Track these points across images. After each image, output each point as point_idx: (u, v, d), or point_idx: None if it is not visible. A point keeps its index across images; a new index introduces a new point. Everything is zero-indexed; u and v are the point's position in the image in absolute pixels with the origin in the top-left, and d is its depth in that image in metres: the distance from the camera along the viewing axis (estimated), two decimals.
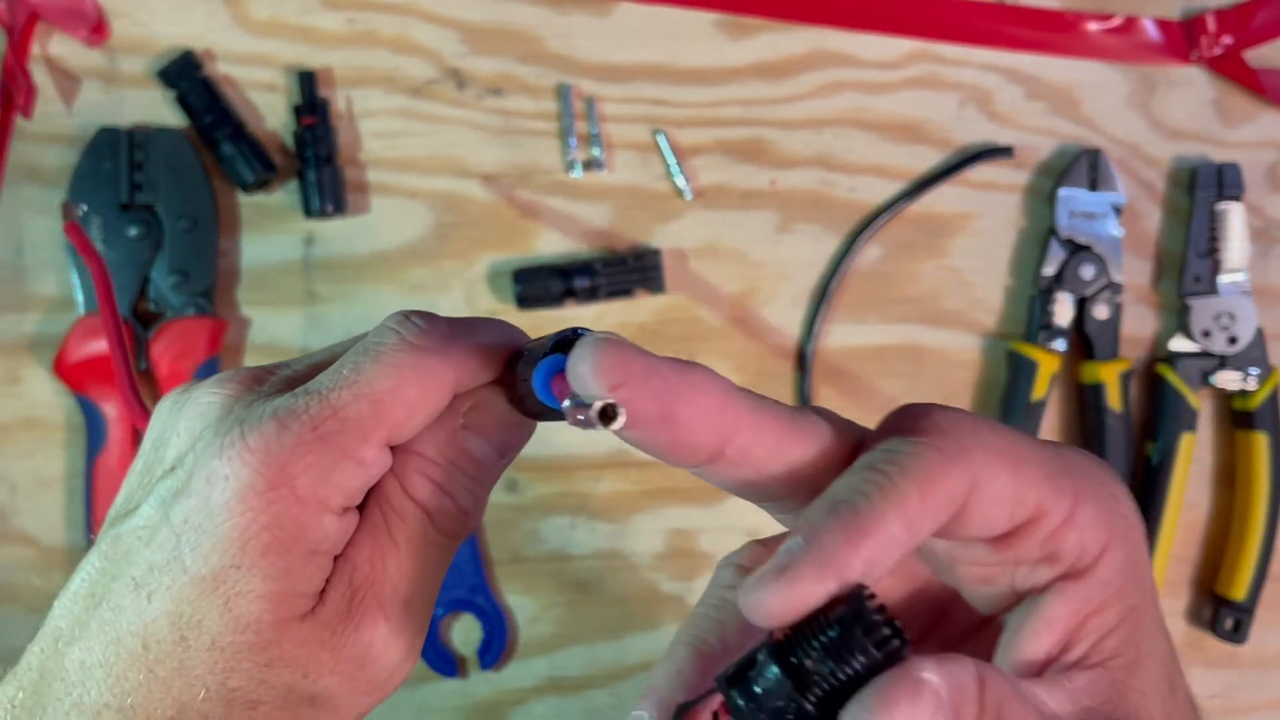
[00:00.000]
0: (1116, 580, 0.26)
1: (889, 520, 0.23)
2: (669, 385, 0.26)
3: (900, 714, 0.22)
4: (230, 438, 0.28)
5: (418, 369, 0.29)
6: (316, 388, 0.29)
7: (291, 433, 0.27)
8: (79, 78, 0.63)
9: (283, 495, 0.27)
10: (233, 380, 0.30)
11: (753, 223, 0.65)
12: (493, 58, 0.65)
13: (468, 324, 0.30)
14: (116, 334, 0.39)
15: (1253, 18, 0.67)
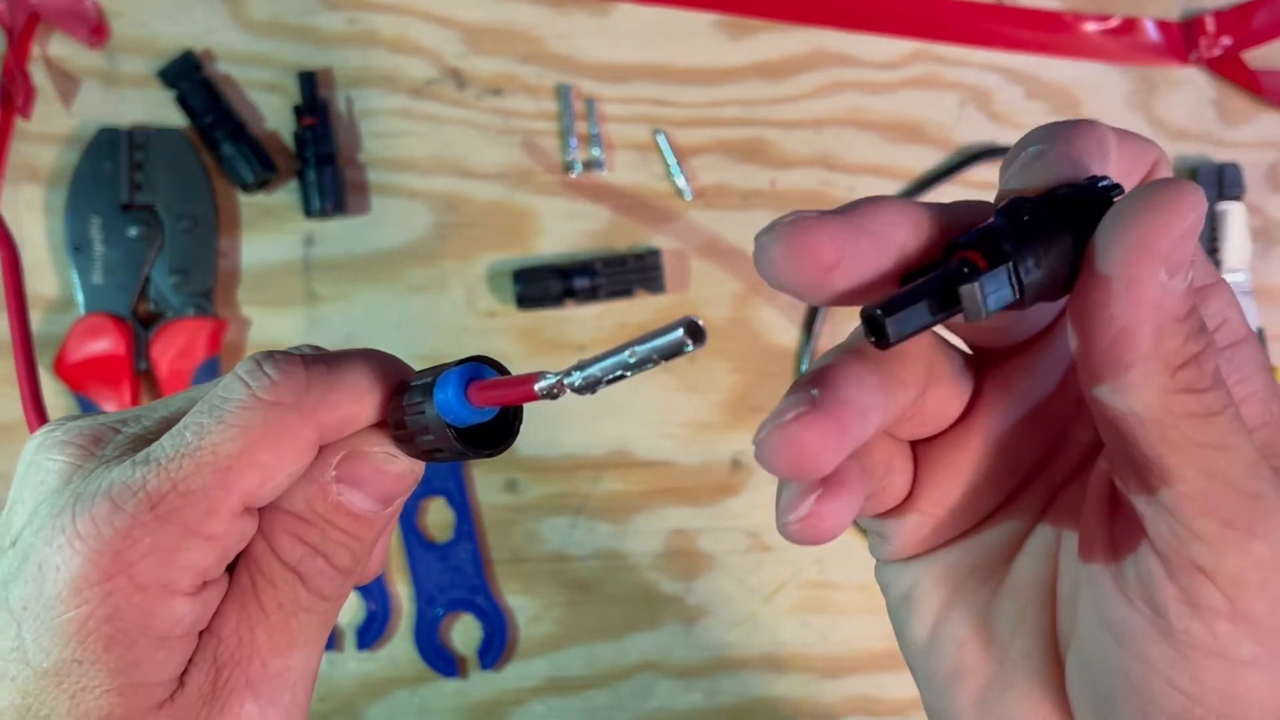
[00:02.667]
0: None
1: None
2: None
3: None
4: (61, 521, 0.25)
5: (270, 428, 0.26)
6: (156, 456, 0.26)
7: (125, 514, 0.25)
8: (79, 78, 0.63)
9: (120, 585, 0.25)
10: (75, 442, 0.27)
11: (753, 223, 0.65)
12: (493, 58, 0.65)
13: (332, 366, 0.27)
14: (21, 331, 0.37)
15: (1252, 19, 0.67)
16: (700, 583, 0.64)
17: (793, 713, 0.64)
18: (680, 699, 0.64)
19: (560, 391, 0.25)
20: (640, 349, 0.23)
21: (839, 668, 0.64)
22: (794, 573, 0.64)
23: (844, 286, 0.23)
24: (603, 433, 0.64)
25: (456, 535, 0.63)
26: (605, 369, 0.24)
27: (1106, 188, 0.22)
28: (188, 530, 0.25)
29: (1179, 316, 0.21)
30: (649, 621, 0.64)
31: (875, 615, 0.65)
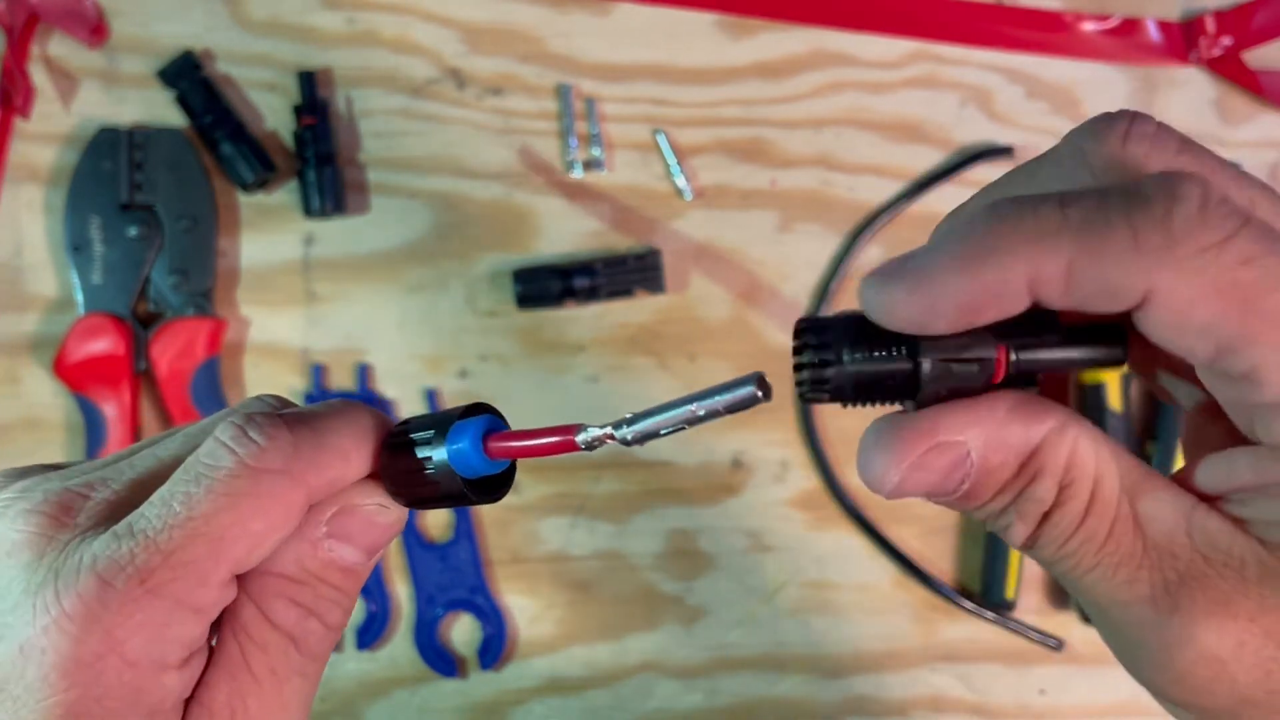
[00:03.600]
0: None
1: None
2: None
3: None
4: (43, 599, 0.24)
5: (260, 496, 0.25)
6: (142, 528, 0.25)
7: (116, 591, 0.24)
8: (78, 78, 0.63)
9: (111, 664, 0.24)
10: (41, 510, 0.25)
11: (753, 223, 0.65)
12: (493, 58, 0.65)
13: (316, 427, 0.26)
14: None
15: (1252, 19, 0.67)
16: (700, 583, 0.64)
17: (793, 713, 0.64)
18: (680, 699, 0.64)
19: (601, 444, 0.25)
20: (708, 403, 0.23)
21: (839, 668, 0.64)
22: (794, 573, 0.64)
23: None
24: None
25: (456, 535, 0.63)
26: (665, 422, 0.24)
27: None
28: (178, 603, 0.24)
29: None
30: (649, 621, 0.64)
31: (875, 615, 0.65)
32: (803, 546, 0.64)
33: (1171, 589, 0.23)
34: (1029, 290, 0.22)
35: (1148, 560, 0.24)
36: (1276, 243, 0.21)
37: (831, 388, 0.24)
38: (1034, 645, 0.64)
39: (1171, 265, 0.21)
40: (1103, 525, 0.24)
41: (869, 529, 0.64)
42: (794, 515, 0.64)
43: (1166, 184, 0.22)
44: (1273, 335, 0.21)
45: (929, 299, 0.22)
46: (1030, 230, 0.22)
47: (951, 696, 0.64)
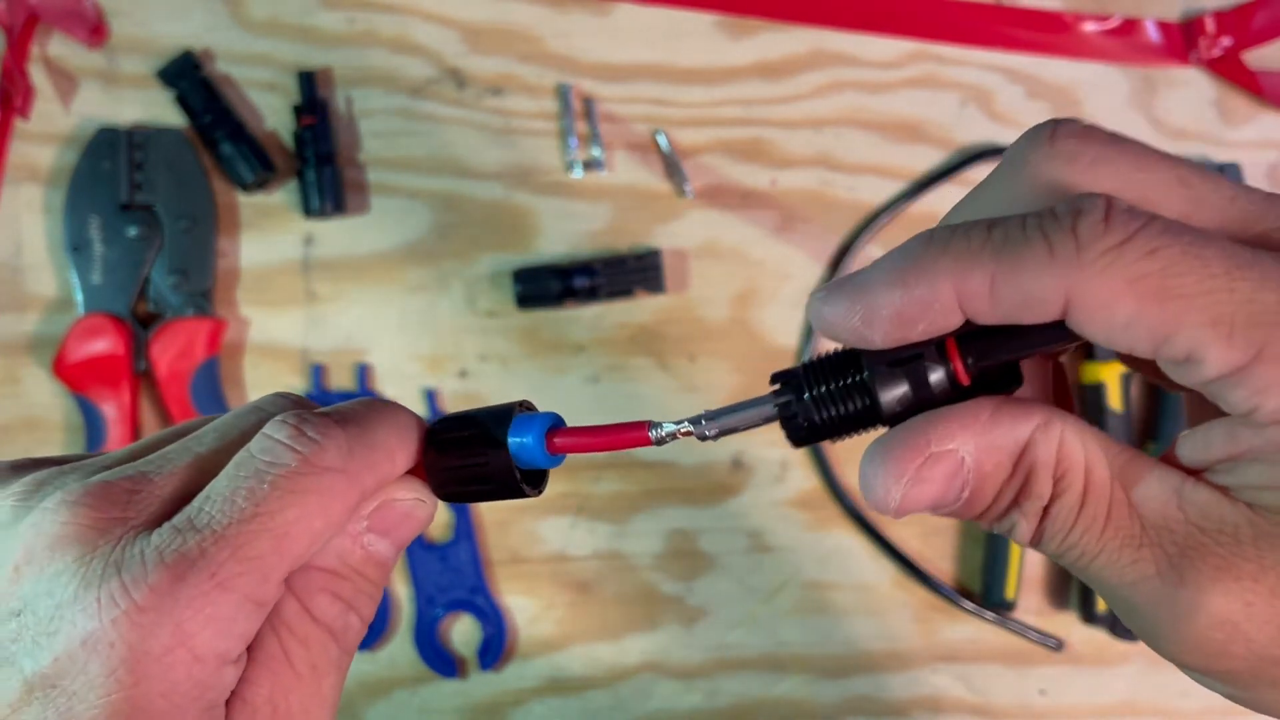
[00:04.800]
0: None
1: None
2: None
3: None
4: (108, 592, 0.24)
5: (323, 494, 0.26)
6: (206, 522, 0.25)
7: (188, 584, 0.24)
8: (78, 78, 0.63)
9: (180, 658, 0.24)
10: (85, 503, 0.25)
11: (753, 223, 0.65)
12: (493, 58, 0.65)
13: (363, 426, 0.27)
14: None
15: (1251, 19, 0.67)
16: (700, 583, 0.64)
17: (793, 713, 0.64)
18: (680, 699, 0.64)
19: (674, 439, 0.27)
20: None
21: (839, 668, 0.64)
22: (794, 573, 0.64)
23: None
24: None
25: (456, 535, 0.63)
26: (743, 420, 0.26)
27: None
28: (245, 598, 0.25)
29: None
30: (649, 621, 0.64)
31: (875, 615, 0.65)
32: (803, 546, 0.64)
33: (1174, 563, 0.24)
34: (959, 305, 0.24)
35: (1148, 539, 0.25)
36: (1179, 234, 0.23)
37: (803, 424, 0.26)
38: (1034, 645, 0.64)
39: (1082, 269, 0.23)
40: (1100, 511, 0.25)
41: (869, 529, 0.64)
42: (794, 515, 0.64)
43: (1074, 201, 0.24)
44: (1193, 315, 0.22)
45: (866, 311, 0.25)
46: (958, 249, 0.24)
47: (951, 696, 0.64)
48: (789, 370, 0.27)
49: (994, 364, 0.25)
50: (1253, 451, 0.24)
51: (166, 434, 0.29)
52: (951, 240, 0.24)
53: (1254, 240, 0.24)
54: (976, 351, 0.25)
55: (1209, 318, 0.22)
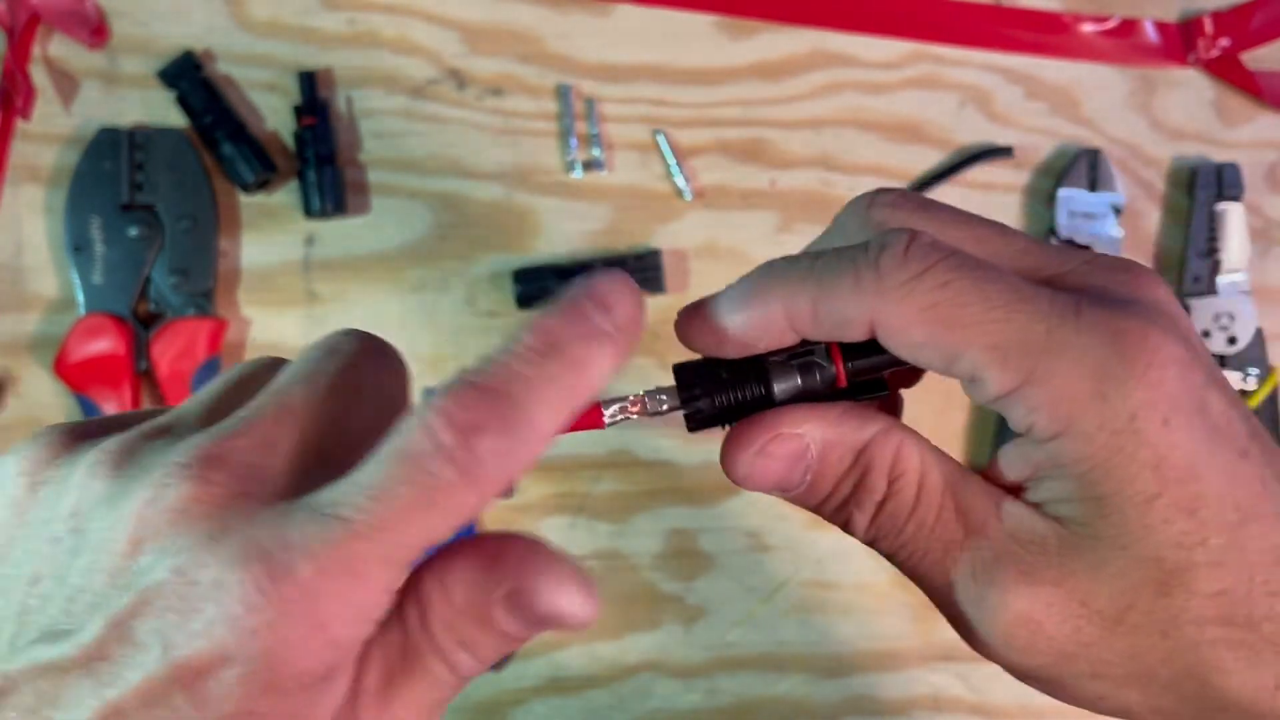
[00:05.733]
0: (1080, 459, 0.26)
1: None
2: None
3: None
4: (254, 576, 0.22)
5: (476, 504, 0.24)
6: (354, 514, 0.23)
7: (333, 577, 0.23)
8: (79, 78, 0.63)
9: (318, 646, 0.23)
10: (205, 477, 0.23)
11: (753, 223, 0.65)
12: (493, 58, 0.65)
13: (524, 413, 0.24)
14: None
15: (1250, 20, 0.67)
16: (700, 583, 0.64)
17: (793, 712, 0.64)
18: (680, 699, 0.64)
19: (623, 416, 0.30)
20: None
21: (839, 667, 0.64)
22: (794, 573, 0.64)
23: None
24: (603, 432, 0.64)
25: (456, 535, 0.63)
26: (663, 404, 0.30)
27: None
28: (383, 591, 0.24)
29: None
30: (649, 621, 0.64)
31: (875, 615, 0.65)
32: (802, 546, 0.64)
33: (988, 566, 0.28)
34: (790, 324, 0.28)
35: (968, 544, 0.28)
36: (971, 269, 0.26)
37: (704, 415, 0.29)
38: None
39: (882, 297, 0.26)
40: (929, 514, 0.28)
41: None
42: (794, 515, 0.64)
43: (880, 236, 0.27)
44: (975, 339, 0.26)
45: (718, 331, 0.28)
46: (786, 278, 0.28)
47: (951, 696, 0.64)
48: (689, 362, 0.29)
49: (867, 371, 0.28)
50: (1043, 468, 0.27)
51: (232, 380, 0.27)
52: (783, 270, 0.28)
53: (1041, 284, 0.27)
54: (854, 359, 0.28)
55: (987, 344, 0.26)
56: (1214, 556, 0.25)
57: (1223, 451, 0.25)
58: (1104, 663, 0.27)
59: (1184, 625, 0.26)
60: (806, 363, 0.28)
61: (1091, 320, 0.25)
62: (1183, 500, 0.25)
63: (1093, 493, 0.26)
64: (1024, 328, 0.25)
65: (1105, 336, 0.25)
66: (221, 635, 0.22)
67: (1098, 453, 0.25)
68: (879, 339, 0.27)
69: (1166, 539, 0.25)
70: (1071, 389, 0.25)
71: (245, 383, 0.27)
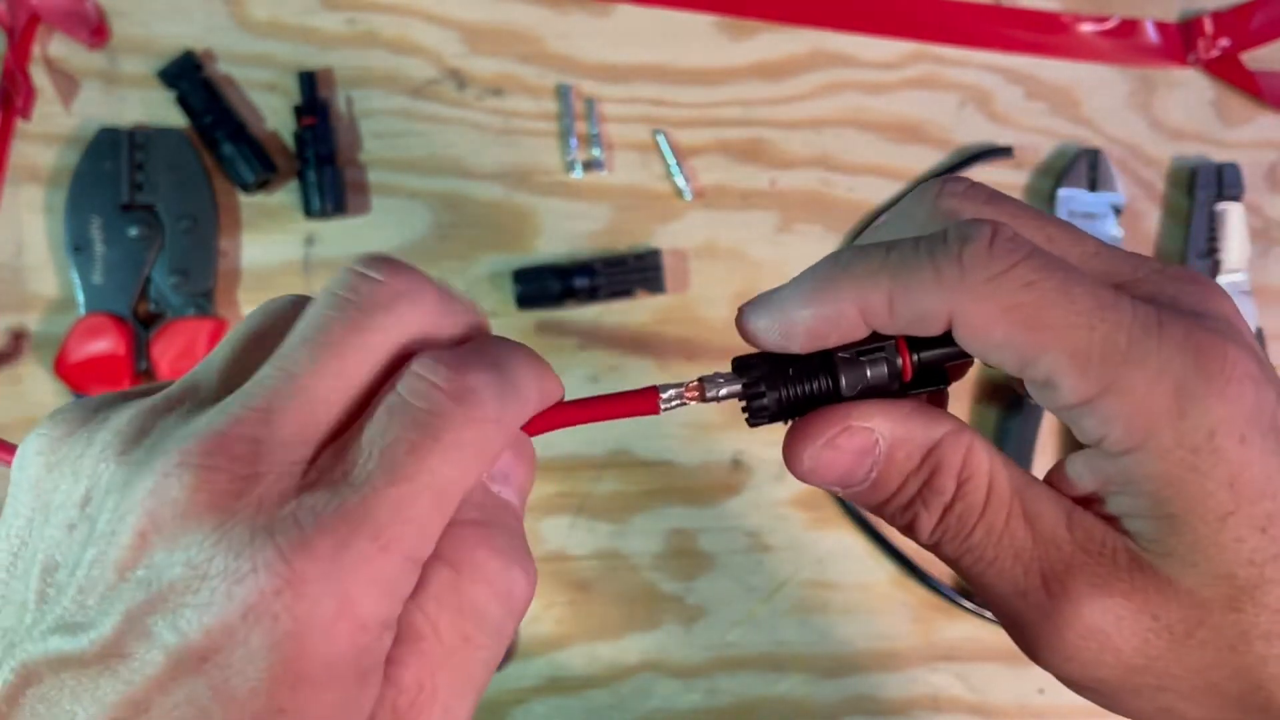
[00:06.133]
0: (1155, 475, 0.25)
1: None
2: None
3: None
4: (265, 559, 0.22)
5: (482, 448, 0.24)
6: (365, 479, 0.23)
7: (351, 549, 0.22)
8: (79, 78, 0.63)
9: (345, 627, 0.22)
10: (206, 465, 0.23)
11: (753, 223, 0.65)
12: (493, 58, 0.65)
13: (510, 369, 0.26)
14: None
15: (1250, 20, 0.67)
16: (700, 583, 0.64)
17: (793, 712, 0.64)
18: (680, 699, 0.64)
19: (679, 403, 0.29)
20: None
21: (839, 667, 0.64)
22: (794, 573, 0.64)
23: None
24: (603, 432, 0.64)
25: None
26: (731, 389, 0.29)
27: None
28: (406, 559, 0.23)
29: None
30: (649, 621, 0.64)
31: (875, 615, 0.65)
32: (803, 546, 0.64)
33: (1059, 576, 0.27)
34: (863, 318, 0.27)
35: (1038, 552, 0.27)
36: (1055, 270, 0.25)
37: (769, 411, 0.28)
38: None
39: (964, 293, 0.25)
40: (999, 519, 0.27)
41: (869, 529, 0.64)
42: (794, 515, 0.64)
43: (961, 228, 0.26)
44: (1057, 344, 0.25)
45: (785, 326, 0.27)
46: (859, 271, 0.27)
47: (951, 696, 0.64)
48: (751, 355, 0.29)
49: (931, 363, 0.28)
50: (1113, 481, 0.26)
51: (252, 332, 0.26)
52: (853, 262, 0.27)
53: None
54: (920, 351, 0.28)
55: (1069, 350, 0.25)
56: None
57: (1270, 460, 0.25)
58: (1171, 676, 0.27)
59: (1254, 640, 0.26)
60: (874, 358, 0.27)
61: (1172, 333, 0.25)
62: (1256, 517, 0.25)
63: (1166, 510, 0.25)
64: (1107, 336, 0.25)
65: (1186, 350, 0.25)
66: (239, 625, 0.21)
67: (1172, 469, 0.25)
68: (955, 335, 0.26)
69: (1239, 556, 0.25)
70: (1151, 403, 0.25)
71: (264, 335, 0.26)
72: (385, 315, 0.26)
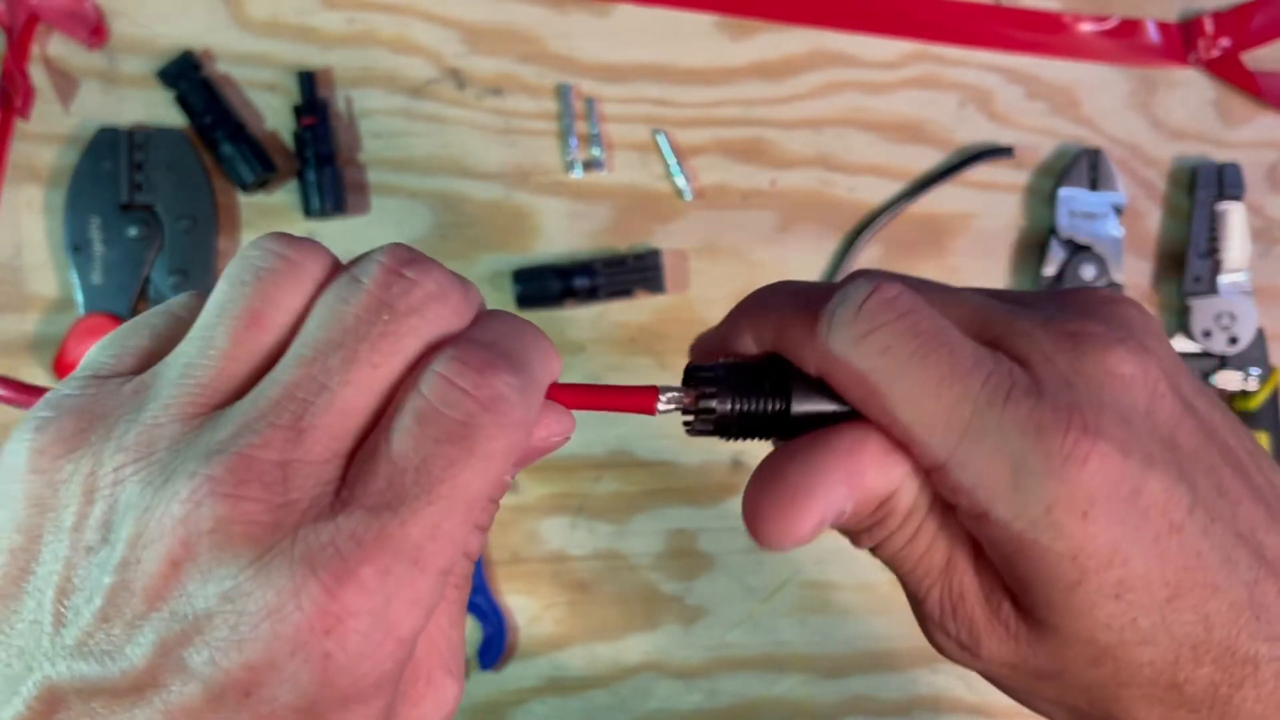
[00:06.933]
0: (999, 544, 0.26)
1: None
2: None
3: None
4: (310, 595, 0.21)
5: (509, 452, 0.24)
6: (400, 499, 0.23)
7: (393, 575, 0.22)
8: (78, 78, 0.63)
9: (389, 649, 0.22)
10: (240, 493, 0.22)
11: (753, 223, 0.65)
12: (493, 58, 0.65)
13: (528, 362, 0.26)
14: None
15: (1250, 20, 0.67)
16: (700, 583, 0.64)
17: (793, 713, 0.64)
18: (680, 699, 0.64)
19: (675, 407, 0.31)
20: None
21: (839, 668, 0.64)
22: (794, 573, 0.64)
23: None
24: (603, 433, 0.64)
25: None
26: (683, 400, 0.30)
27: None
28: (441, 574, 0.23)
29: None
30: (649, 621, 0.64)
31: (875, 615, 0.65)
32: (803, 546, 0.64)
33: (955, 601, 0.29)
34: (758, 345, 0.29)
35: (944, 578, 0.29)
36: (917, 336, 0.26)
37: (716, 422, 0.29)
38: None
39: (828, 352, 0.27)
40: (924, 543, 0.28)
41: None
42: None
43: (845, 287, 0.27)
44: (904, 412, 0.26)
45: (702, 344, 0.31)
46: (767, 306, 0.29)
47: (952, 696, 0.64)
48: (704, 367, 0.29)
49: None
50: (983, 542, 0.27)
51: (235, 327, 0.25)
52: (768, 298, 0.29)
53: (988, 345, 0.27)
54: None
55: (914, 419, 0.26)
56: (1143, 635, 0.25)
57: (1151, 531, 0.25)
58: (1033, 693, 0.28)
59: (1110, 686, 0.26)
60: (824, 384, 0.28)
61: (1015, 410, 0.25)
62: (1106, 585, 0.25)
63: (1017, 574, 0.26)
64: (951, 408, 0.25)
65: (1026, 429, 0.25)
66: (286, 660, 0.21)
67: (1014, 540, 0.25)
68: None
69: (1095, 621, 0.25)
70: (989, 477, 0.25)
71: (263, 318, 0.25)
72: (419, 319, 0.25)
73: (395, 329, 0.25)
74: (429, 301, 0.26)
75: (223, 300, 0.25)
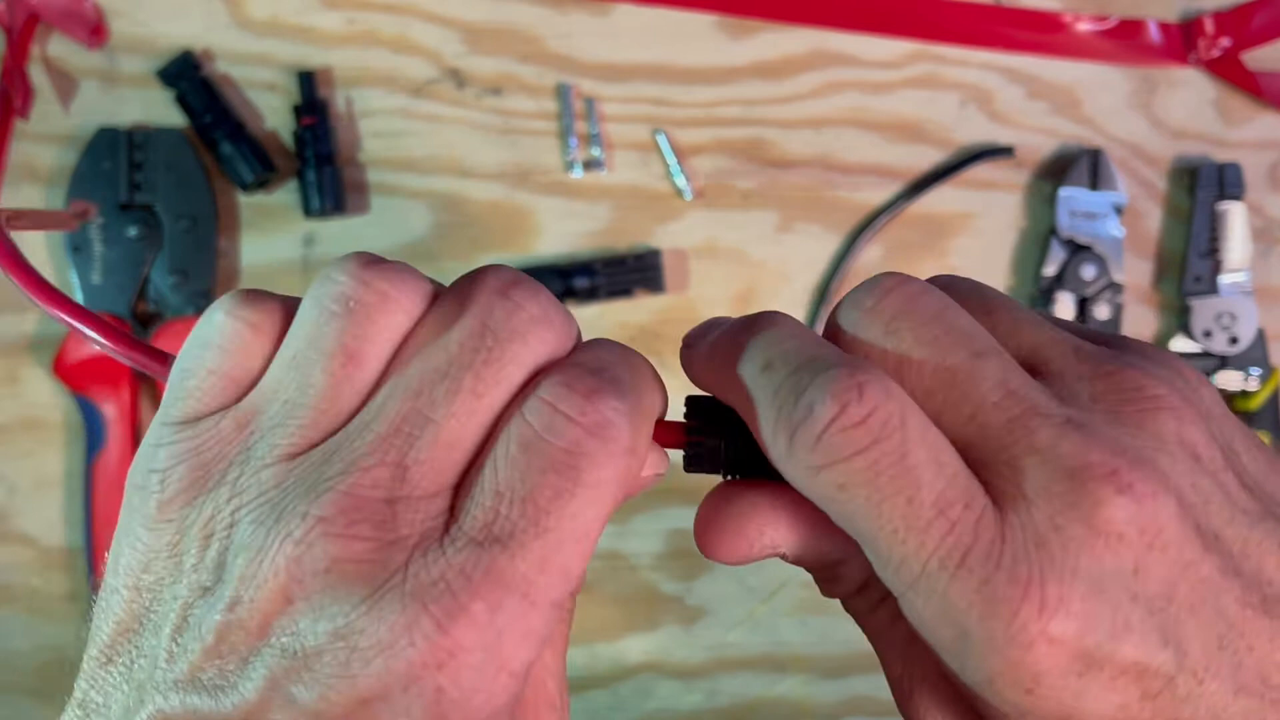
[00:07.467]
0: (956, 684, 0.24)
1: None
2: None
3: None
4: (423, 632, 0.21)
5: (620, 482, 0.23)
6: (509, 532, 0.22)
7: (504, 610, 0.22)
8: (78, 78, 0.63)
9: (502, 683, 0.22)
10: (351, 533, 0.22)
11: (753, 223, 0.65)
12: (493, 58, 0.65)
13: (635, 390, 0.25)
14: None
15: (1251, 20, 0.67)
16: (700, 583, 0.64)
17: (793, 713, 0.64)
18: (680, 699, 0.64)
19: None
20: None
21: (839, 668, 0.64)
22: (794, 573, 0.64)
23: None
24: None
25: None
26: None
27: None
28: (553, 606, 0.23)
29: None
30: (649, 621, 0.64)
31: None
32: None
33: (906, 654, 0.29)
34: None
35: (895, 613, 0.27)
36: (875, 480, 0.23)
37: (708, 462, 0.27)
38: None
39: (787, 468, 0.24)
40: (874, 598, 0.28)
41: None
42: None
43: (813, 395, 0.23)
44: (852, 547, 0.25)
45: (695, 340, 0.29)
46: (741, 372, 0.26)
47: None
48: (709, 401, 0.28)
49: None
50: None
51: (332, 368, 0.24)
52: (746, 362, 0.26)
53: (973, 466, 0.24)
54: None
55: (867, 548, 0.24)
56: None
57: (1116, 700, 0.22)
58: None
59: None
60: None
61: (965, 582, 0.22)
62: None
63: (969, 697, 0.25)
64: (900, 561, 0.23)
65: (974, 600, 0.22)
66: (399, 696, 0.21)
67: (961, 681, 0.24)
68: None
69: None
70: (933, 631, 0.23)
71: (358, 357, 0.25)
72: (521, 344, 0.25)
73: (499, 355, 0.24)
74: (533, 326, 0.25)
75: (313, 332, 0.25)
